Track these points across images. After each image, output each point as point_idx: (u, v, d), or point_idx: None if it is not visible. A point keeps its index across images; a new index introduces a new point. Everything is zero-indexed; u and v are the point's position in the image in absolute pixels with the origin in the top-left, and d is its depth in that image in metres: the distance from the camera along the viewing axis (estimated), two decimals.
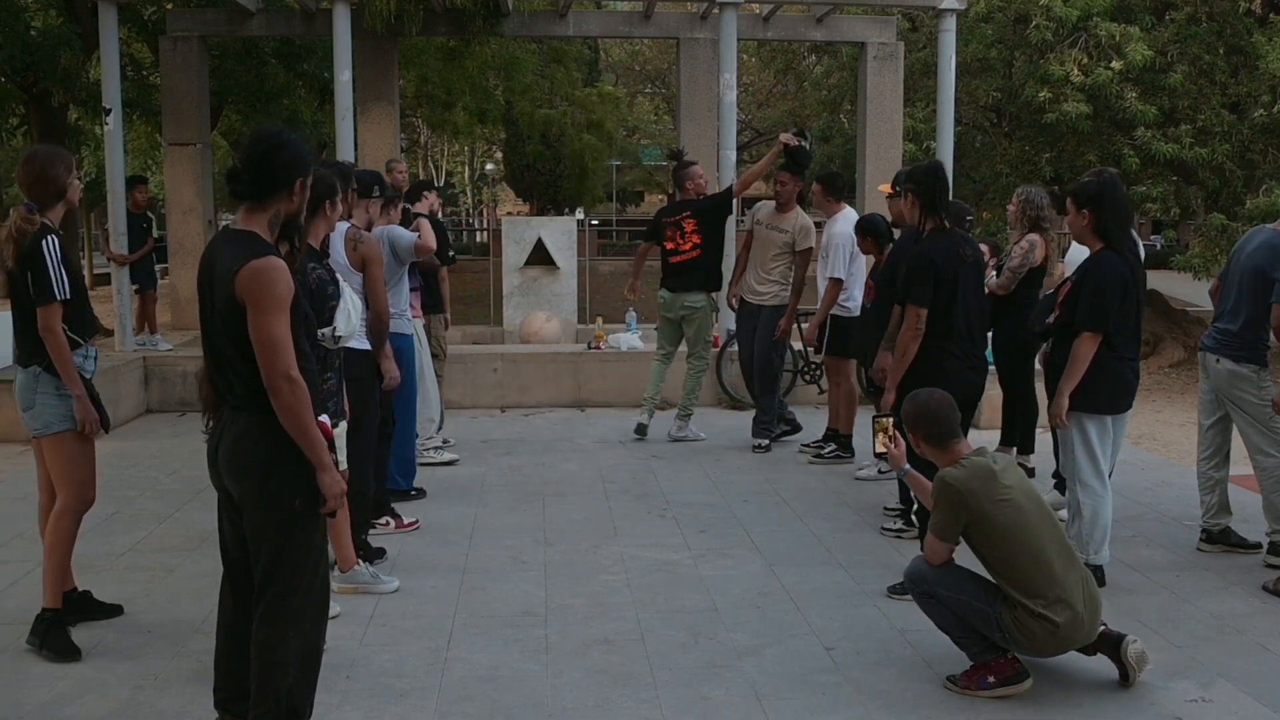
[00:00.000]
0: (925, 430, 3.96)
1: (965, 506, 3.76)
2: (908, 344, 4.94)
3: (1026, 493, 3.83)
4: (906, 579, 4.02)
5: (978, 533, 3.78)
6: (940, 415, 3.93)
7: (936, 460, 3.97)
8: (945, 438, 3.93)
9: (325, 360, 4.52)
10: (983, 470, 3.79)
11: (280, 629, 3.13)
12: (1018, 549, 3.73)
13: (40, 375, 4.17)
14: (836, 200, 7.44)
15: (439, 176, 46.42)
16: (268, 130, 3.19)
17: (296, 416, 3.02)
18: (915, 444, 4.04)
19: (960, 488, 3.76)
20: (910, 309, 4.96)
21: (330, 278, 4.47)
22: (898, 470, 4.41)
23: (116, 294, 9.71)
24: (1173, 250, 22.95)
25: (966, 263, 5.01)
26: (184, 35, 11.89)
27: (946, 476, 3.82)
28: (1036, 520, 3.77)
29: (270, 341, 2.98)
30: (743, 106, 28.65)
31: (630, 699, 3.80)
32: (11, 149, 16.87)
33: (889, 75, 12.30)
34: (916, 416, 3.99)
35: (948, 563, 3.89)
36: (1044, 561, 3.73)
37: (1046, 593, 3.71)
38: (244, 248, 3.04)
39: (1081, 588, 3.78)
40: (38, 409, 4.20)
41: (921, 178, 5.09)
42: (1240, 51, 13.01)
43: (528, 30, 13.34)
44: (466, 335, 14.04)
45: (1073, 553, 3.88)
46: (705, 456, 7.60)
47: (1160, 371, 14.15)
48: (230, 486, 3.18)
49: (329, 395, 4.58)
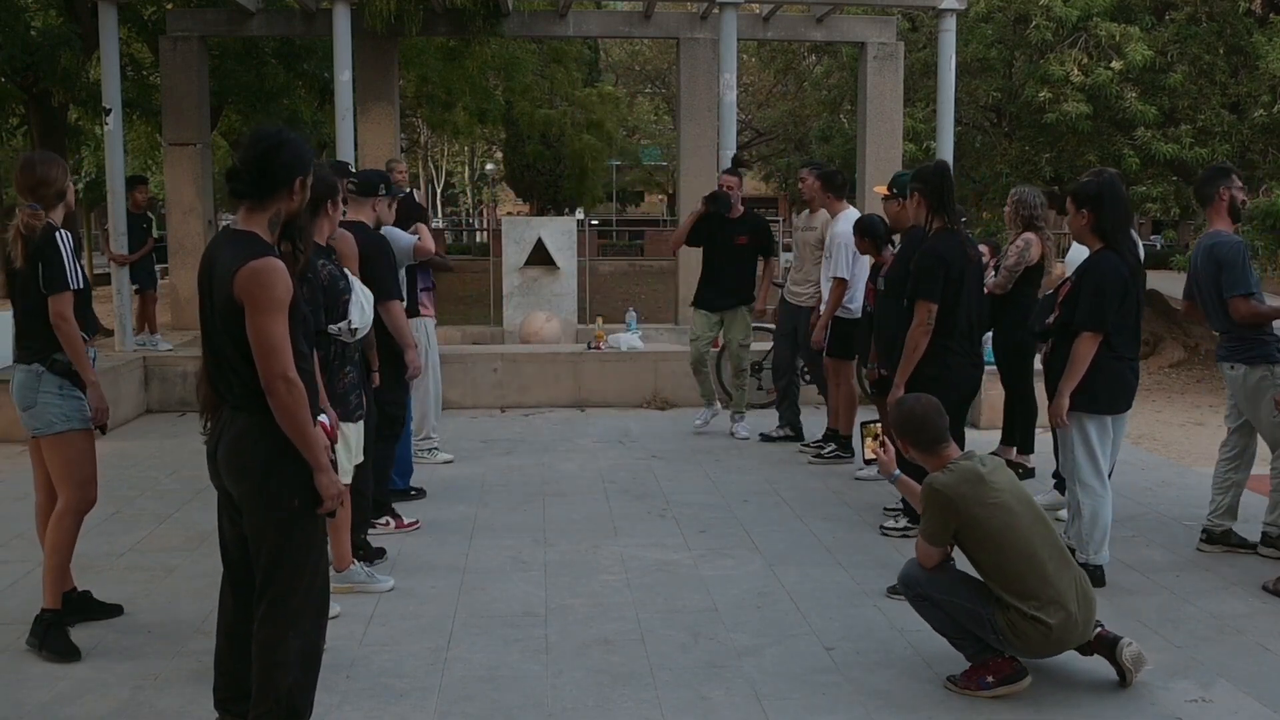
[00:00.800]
0: (913, 436, 3.95)
1: (954, 512, 3.75)
2: (918, 339, 4.96)
3: (1017, 494, 3.83)
4: (900, 582, 4.02)
5: (968, 537, 3.78)
6: (927, 421, 3.92)
7: (925, 465, 3.96)
8: (933, 443, 3.92)
9: (344, 354, 4.58)
10: (970, 475, 3.79)
11: (280, 629, 3.13)
12: (1009, 552, 3.73)
13: (43, 374, 4.17)
14: (838, 198, 7.46)
15: (439, 176, 46.45)
16: (267, 130, 3.20)
17: (293, 417, 3.02)
18: (904, 449, 4.03)
19: (949, 493, 3.76)
20: (921, 305, 4.97)
21: (340, 273, 4.50)
22: (887, 476, 4.39)
23: (116, 294, 9.71)
24: (1173, 250, 22.94)
25: (973, 262, 5.06)
26: (184, 35, 11.89)
27: (934, 483, 3.81)
28: (1028, 522, 3.77)
29: (268, 342, 2.98)
30: (743, 106, 28.65)
31: (630, 699, 3.80)
32: (11, 149, 16.86)
33: (889, 75, 12.31)
34: (904, 423, 3.98)
35: (940, 565, 3.89)
36: (1036, 563, 3.72)
37: (1039, 594, 3.70)
38: (244, 248, 3.04)
39: (1075, 587, 3.77)
40: (39, 408, 4.18)
41: (929, 177, 5.11)
42: (1240, 51, 13.01)
43: (528, 30, 13.34)
44: (466, 335, 14.04)
45: (1065, 553, 3.88)
46: (705, 456, 7.60)
47: (1160, 371, 14.16)
48: (230, 486, 3.18)
49: (350, 388, 4.62)
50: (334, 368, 4.51)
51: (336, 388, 4.48)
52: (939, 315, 4.98)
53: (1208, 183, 5.33)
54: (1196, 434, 9.88)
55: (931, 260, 4.99)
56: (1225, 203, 5.24)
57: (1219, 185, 5.25)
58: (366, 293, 4.65)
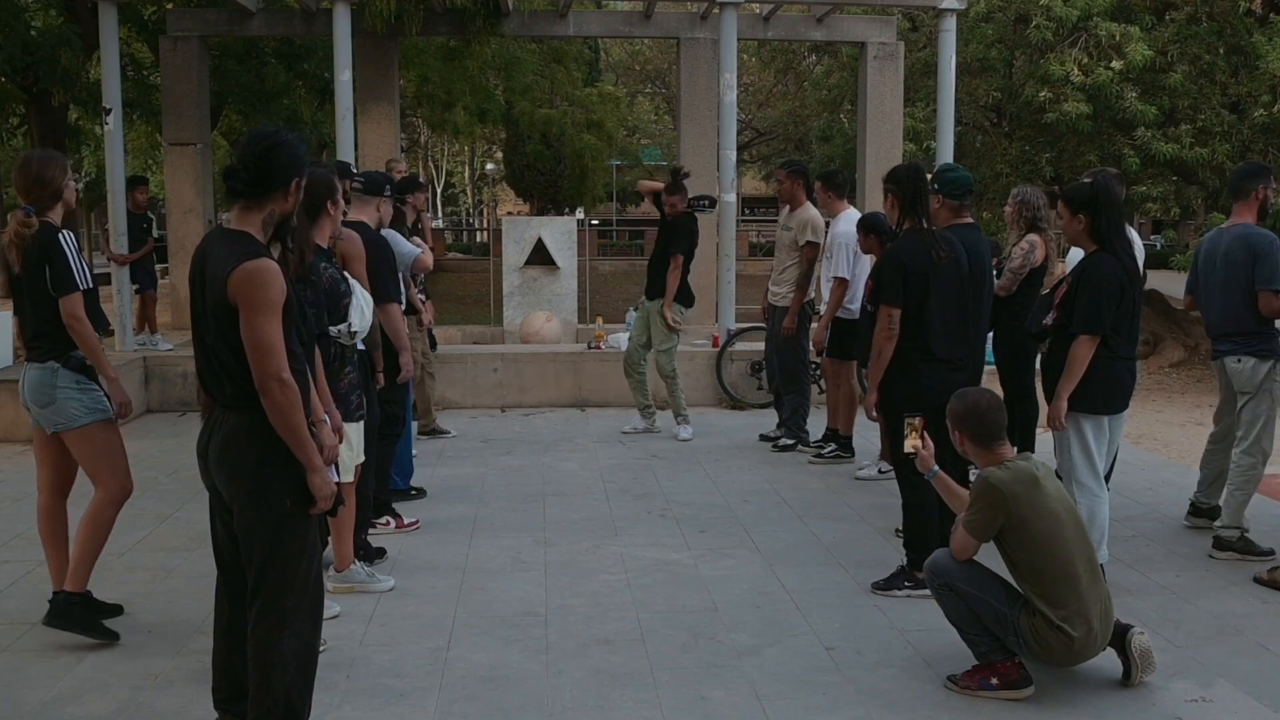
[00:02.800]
0: (971, 429, 3.93)
1: (1005, 509, 3.75)
2: (881, 344, 4.89)
3: (1065, 504, 3.84)
4: (927, 570, 3.98)
5: (1012, 536, 3.77)
6: (988, 416, 3.90)
7: (979, 460, 3.95)
8: (991, 438, 3.90)
9: (343, 355, 4.60)
10: (1026, 476, 3.79)
11: (275, 629, 3.13)
12: (1049, 558, 3.73)
13: (59, 371, 4.19)
14: (839, 198, 7.44)
15: (439, 176, 46.46)
16: (266, 130, 3.21)
17: (287, 417, 3.02)
18: (959, 443, 3.99)
19: (1004, 490, 3.75)
20: (881, 309, 4.91)
21: (341, 276, 4.52)
22: (926, 473, 4.30)
23: (116, 294, 9.71)
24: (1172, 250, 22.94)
25: (940, 262, 4.86)
26: (184, 35, 11.89)
27: (990, 477, 3.80)
28: (1071, 533, 3.77)
29: (262, 343, 2.98)
30: (743, 106, 28.66)
31: (630, 699, 3.80)
32: (12, 149, 16.88)
33: (889, 75, 12.30)
34: (964, 415, 3.95)
35: (972, 560, 3.89)
36: (1072, 575, 3.72)
37: (1068, 605, 3.70)
38: (237, 248, 3.04)
39: (1100, 605, 3.78)
40: (59, 404, 4.19)
41: (902, 178, 5.04)
42: (1240, 51, 13.01)
43: (528, 30, 13.34)
44: (466, 335, 14.05)
45: (1098, 570, 3.87)
46: (705, 456, 7.60)
47: (1160, 371, 14.16)
48: (220, 486, 3.18)
49: (350, 389, 4.64)
50: (334, 369, 4.52)
51: (337, 388, 4.48)
52: (905, 319, 4.87)
53: (1248, 177, 5.48)
54: (1196, 434, 9.87)
55: (890, 263, 4.90)
56: (1259, 201, 5.42)
57: (1258, 183, 5.42)
58: (367, 296, 4.69)
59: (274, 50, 15.21)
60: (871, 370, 5.01)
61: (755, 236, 36.05)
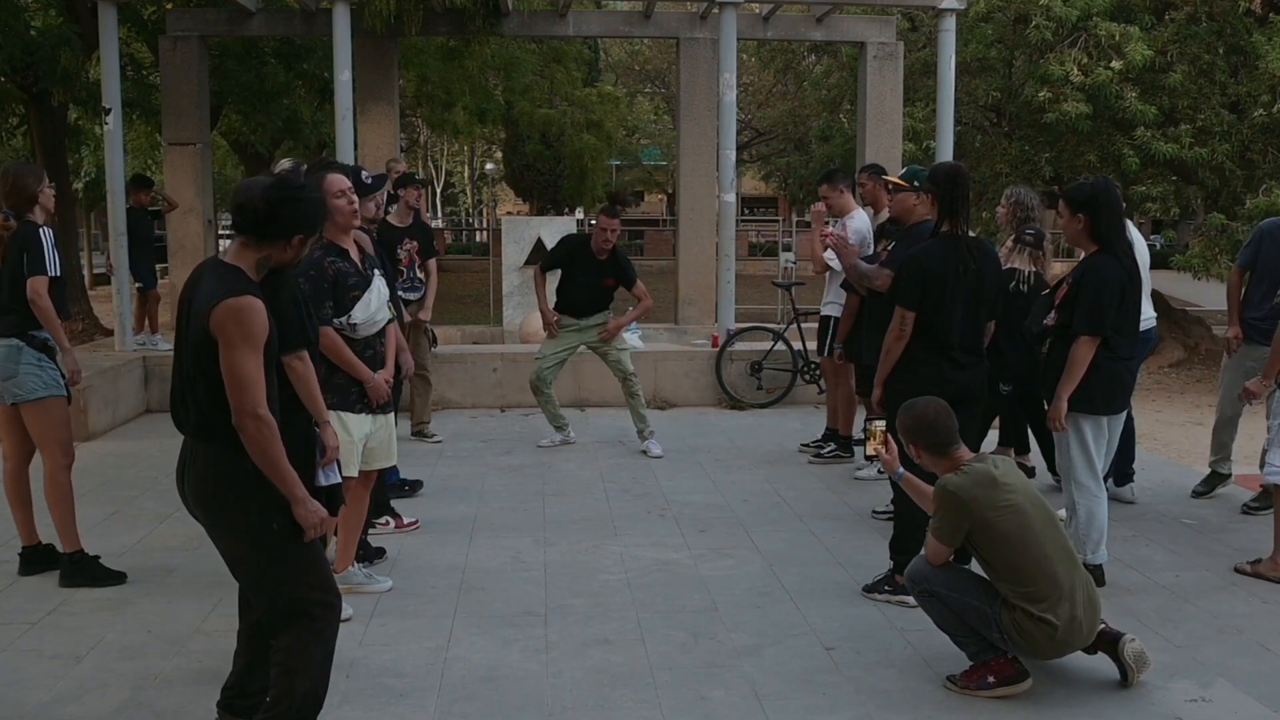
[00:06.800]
0: (925, 440, 3.92)
1: (967, 514, 3.74)
2: (891, 344, 4.87)
3: (1029, 496, 3.83)
4: (908, 578, 4.01)
5: (980, 538, 3.77)
6: (938, 424, 3.89)
7: (937, 469, 3.93)
8: (945, 445, 3.90)
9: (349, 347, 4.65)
10: (984, 478, 3.78)
11: (303, 638, 3.16)
12: (1020, 554, 3.73)
13: (22, 349, 4.82)
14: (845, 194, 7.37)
15: (439, 176, 46.46)
16: (293, 181, 3.22)
17: (264, 452, 3.03)
18: (915, 454, 3.98)
19: (963, 495, 3.75)
20: (896, 310, 4.87)
21: (352, 270, 4.56)
22: (892, 475, 4.36)
23: (116, 294, 9.71)
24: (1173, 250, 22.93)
25: (965, 272, 4.75)
26: (184, 35, 11.87)
27: (948, 484, 3.80)
28: (1040, 525, 3.77)
29: (241, 379, 2.99)
30: (743, 106, 28.66)
31: (630, 699, 3.81)
32: (12, 149, 16.87)
33: (889, 75, 12.29)
34: (914, 427, 3.94)
35: (949, 563, 3.89)
36: (1046, 566, 3.72)
37: (1047, 596, 3.70)
38: (225, 283, 3.04)
39: (1082, 591, 3.78)
40: (20, 378, 4.83)
41: (941, 179, 4.88)
42: (1240, 51, 13.01)
43: (528, 30, 13.34)
44: (466, 335, 14.05)
45: (1074, 556, 3.87)
46: (705, 456, 7.60)
47: (1160, 371, 14.16)
48: (199, 520, 3.21)
49: (350, 380, 4.65)
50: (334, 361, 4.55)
51: (336, 380, 4.51)
52: (918, 325, 4.82)
53: None
54: (1196, 434, 9.87)
55: (910, 267, 4.84)
56: None
57: None
58: (382, 293, 4.70)
59: (274, 50, 15.21)
60: (879, 369, 5.01)
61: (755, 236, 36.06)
